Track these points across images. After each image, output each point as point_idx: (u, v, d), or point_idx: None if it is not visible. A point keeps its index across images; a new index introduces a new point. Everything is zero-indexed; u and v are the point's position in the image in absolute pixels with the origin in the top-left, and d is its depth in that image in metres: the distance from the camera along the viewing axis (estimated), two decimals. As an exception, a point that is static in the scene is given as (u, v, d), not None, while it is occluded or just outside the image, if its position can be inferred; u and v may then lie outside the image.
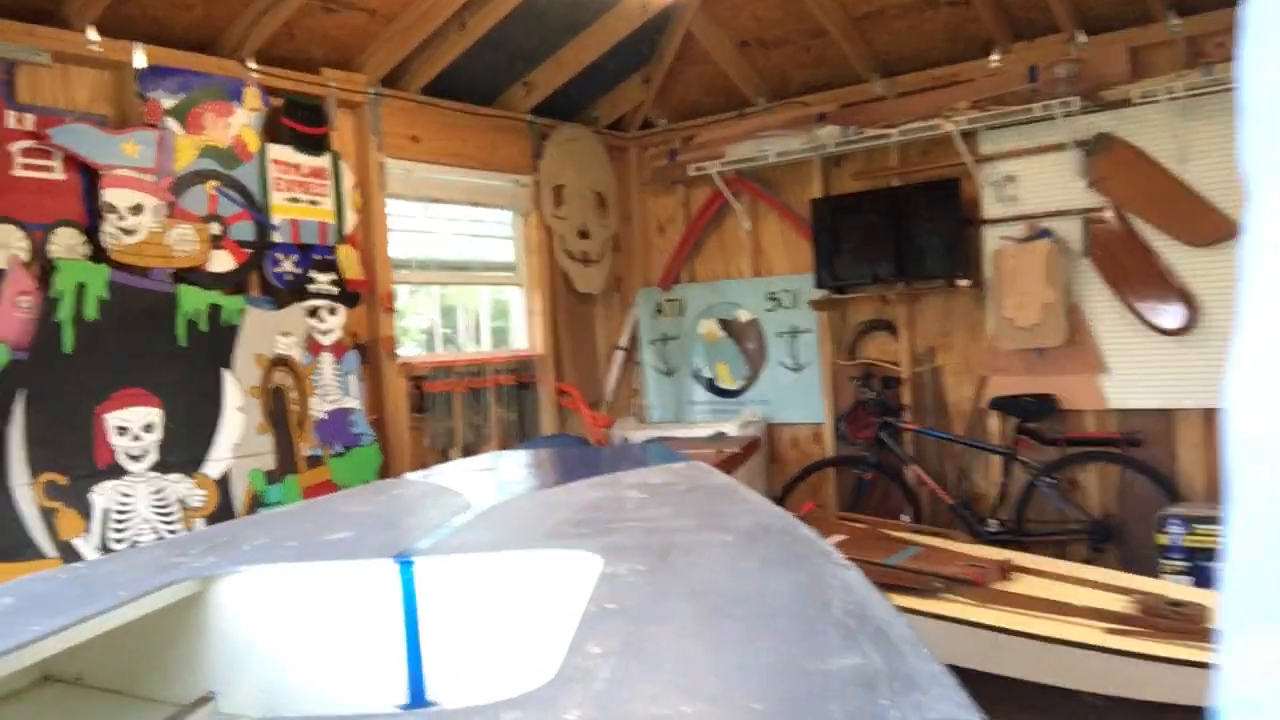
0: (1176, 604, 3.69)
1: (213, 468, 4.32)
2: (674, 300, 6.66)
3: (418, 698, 1.62)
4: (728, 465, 4.91)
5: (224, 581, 1.63)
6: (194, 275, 4.34)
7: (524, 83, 5.85)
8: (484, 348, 6.04)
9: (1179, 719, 3.39)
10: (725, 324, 6.45)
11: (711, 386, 6.52)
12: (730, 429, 5.91)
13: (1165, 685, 3.38)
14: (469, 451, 5.56)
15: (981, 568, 4.12)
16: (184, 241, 4.33)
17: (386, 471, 5.12)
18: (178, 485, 4.21)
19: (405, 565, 1.59)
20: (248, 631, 1.63)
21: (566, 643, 1.12)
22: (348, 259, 4.97)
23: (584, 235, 6.31)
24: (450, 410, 5.46)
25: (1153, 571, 4.52)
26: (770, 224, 6.30)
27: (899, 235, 5.58)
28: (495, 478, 2.71)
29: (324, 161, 4.90)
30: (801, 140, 5.80)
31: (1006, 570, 4.17)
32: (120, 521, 3.95)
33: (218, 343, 4.40)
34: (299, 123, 4.82)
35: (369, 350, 5.13)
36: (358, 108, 5.11)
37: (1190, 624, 3.55)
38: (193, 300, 4.31)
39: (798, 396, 6.15)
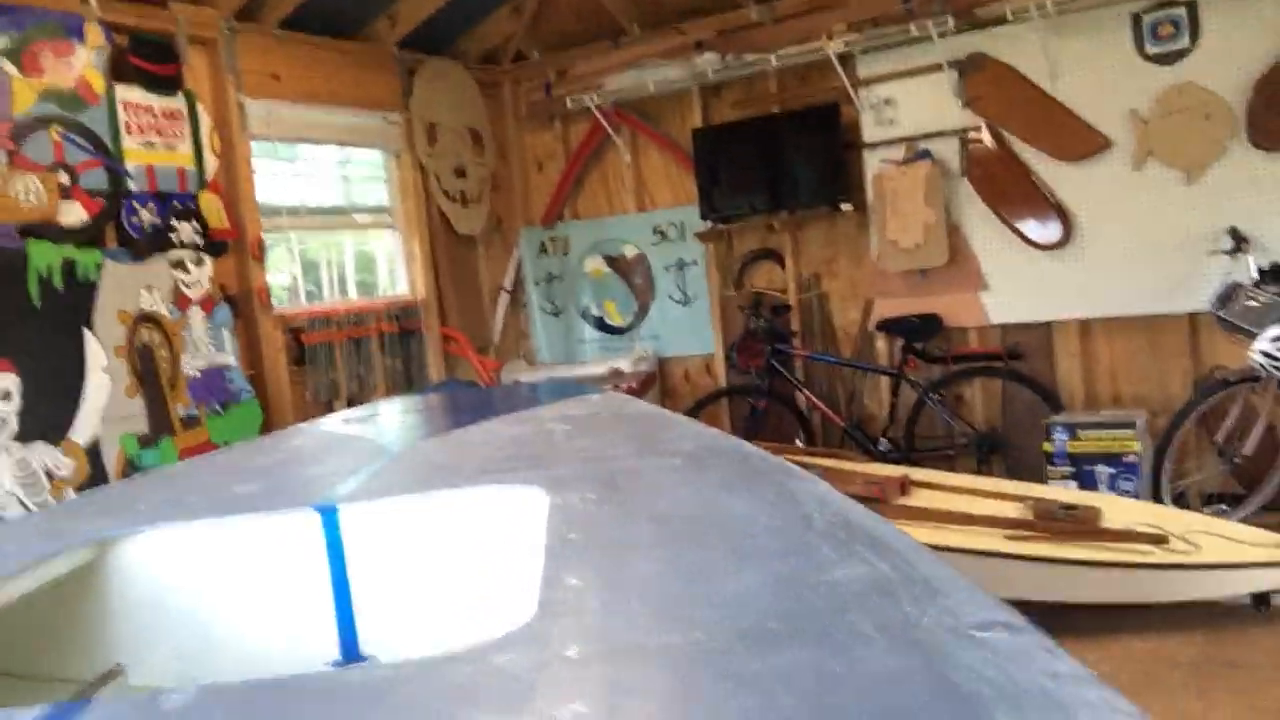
0: (1070, 508, 3.82)
1: (80, 434, 4.04)
2: (557, 238, 6.52)
3: (351, 653, 1.51)
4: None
5: (125, 545, 1.48)
6: (43, 229, 4.01)
7: (388, 14, 5.56)
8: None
9: (1081, 618, 3.53)
10: (611, 260, 6.35)
11: (600, 324, 6.43)
12: (623, 365, 5.85)
13: (1066, 585, 3.50)
14: (354, 403, 5.35)
15: (881, 484, 4.19)
16: (29, 193, 3.99)
17: (269, 428, 4.88)
18: (42, 454, 3.93)
19: (329, 514, 1.46)
20: (157, 597, 1.48)
21: (533, 578, 1.03)
22: (211, 206, 4.68)
23: (460, 174, 6.10)
24: (332, 361, 5.24)
25: (1041, 478, 4.68)
26: (651, 157, 6.20)
27: (781, 163, 5.57)
28: (399, 422, 2.57)
29: (178, 103, 4.57)
30: (680, 69, 5.70)
31: (905, 486, 4.25)
32: (-18, 497, 3.66)
33: (75, 301, 4.09)
34: (148, 61, 4.48)
35: (241, 302, 4.86)
36: (211, 44, 4.78)
37: (1083, 525, 3.69)
38: (44, 256, 3.98)
39: (688, 329, 6.12)
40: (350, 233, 5.76)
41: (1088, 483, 4.59)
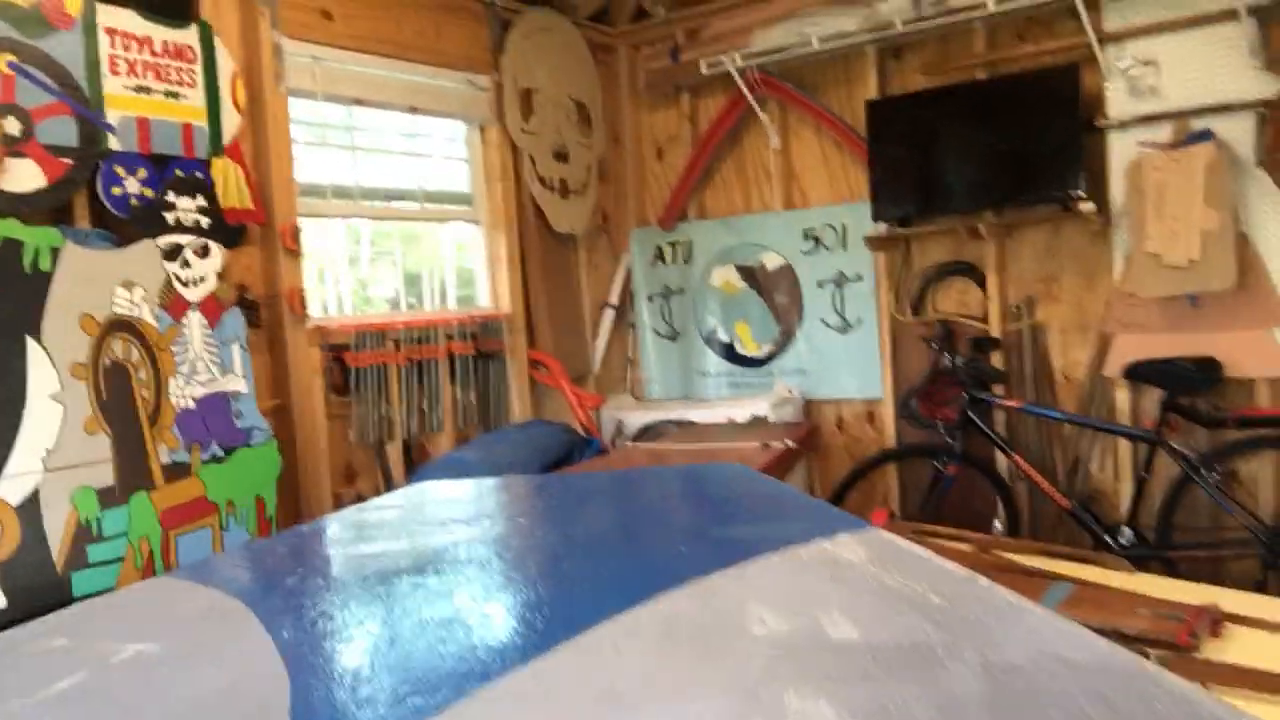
0: None
1: (10, 487, 2.82)
2: (678, 243, 5.18)
3: None
4: (778, 467, 3.47)
5: None
6: (-25, 195, 2.84)
7: (478, -53, 4.32)
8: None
9: None
10: (746, 272, 4.99)
11: (730, 353, 5.06)
12: (761, 408, 4.46)
13: None
14: (411, 448, 4.09)
15: (1184, 620, 2.71)
16: (-44, 143, 2.82)
17: (294, 480, 3.65)
18: (-49, 517, 2.72)
19: None
20: None
21: None
22: (227, 178, 3.47)
23: (561, 157, 4.81)
24: (385, 391, 3.98)
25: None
26: (806, 139, 4.82)
27: (989, 147, 4.15)
28: (469, 563, 1.24)
29: (188, 36, 3.37)
30: (855, 20, 4.32)
31: (1218, 622, 2.77)
32: None
33: (17, 298, 2.89)
34: (148, -24, 3.29)
35: (265, 309, 3.65)
36: (240, -36, 3.59)
37: None
38: (-28, 233, 2.80)
39: (846, 364, 4.71)
40: (423, 227, 4.52)
41: None
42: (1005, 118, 4.10)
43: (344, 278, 4.22)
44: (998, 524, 4.17)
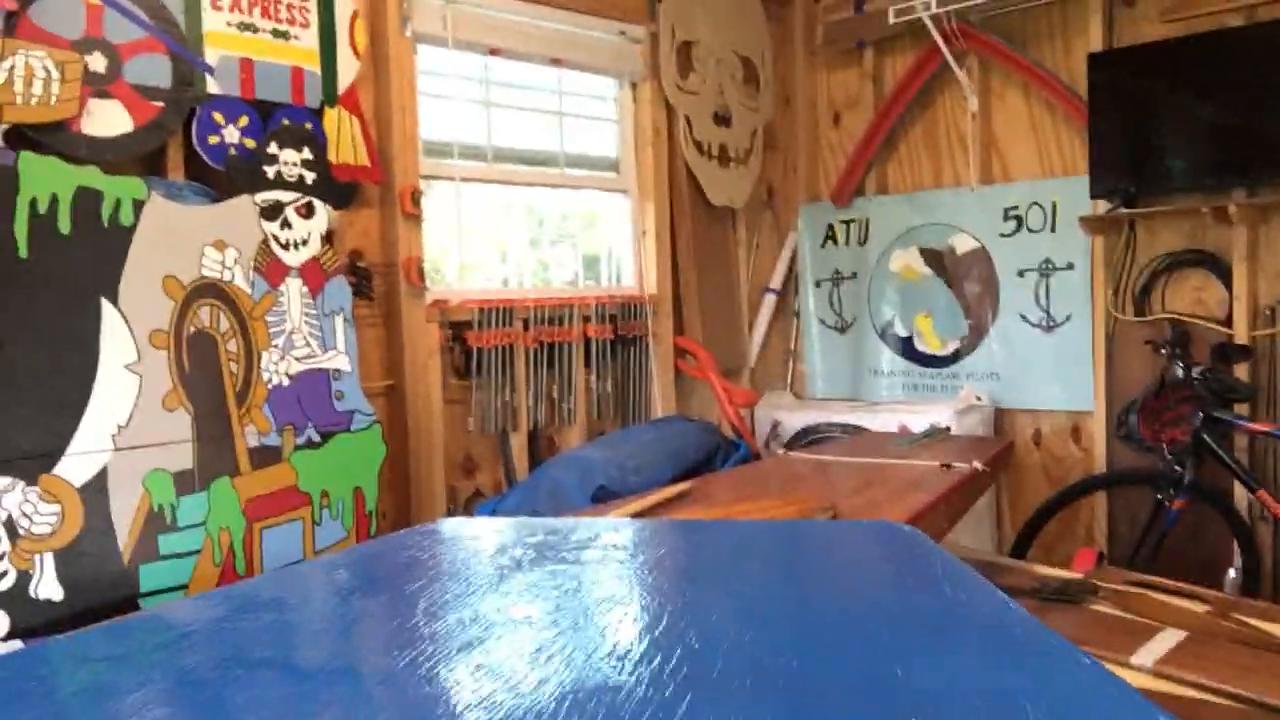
0: None
1: (74, 466, 2.51)
2: (854, 221, 4.57)
3: None
4: (963, 492, 2.83)
5: None
6: (54, 137, 2.55)
7: (636, -121, 3.83)
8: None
9: None
10: (932, 256, 4.33)
11: (908, 349, 4.41)
12: (943, 416, 3.81)
13: None
14: (537, 439, 3.66)
15: None
16: (34, 80, 2.53)
17: (404, 471, 3.27)
18: (8, 496, 2.43)
19: None
20: None
21: None
22: (341, 131, 3.10)
23: (722, 121, 4.27)
24: (511, 375, 3.56)
25: None
26: (1011, 101, 4.12)
27: (1243, 110, 3.38)
28: None
29: (302, -31, 3.02)
30: (1080, -43, 3.61)
31: None
32: None
33: (92, 255, 2.57)
34: (258, -101, 2.95)
35: (379, 280, 3.28)
36: (365, -111, 3.22)
37: None
38: (46, 180, 2.49)
39: (1049, 369, 4.00)
40: (603, 205, 4.10)
41: None
42: (1265, 75, 3.32)
43: (526, 257, 3.88)
44: (1233, 573, 3.41)
